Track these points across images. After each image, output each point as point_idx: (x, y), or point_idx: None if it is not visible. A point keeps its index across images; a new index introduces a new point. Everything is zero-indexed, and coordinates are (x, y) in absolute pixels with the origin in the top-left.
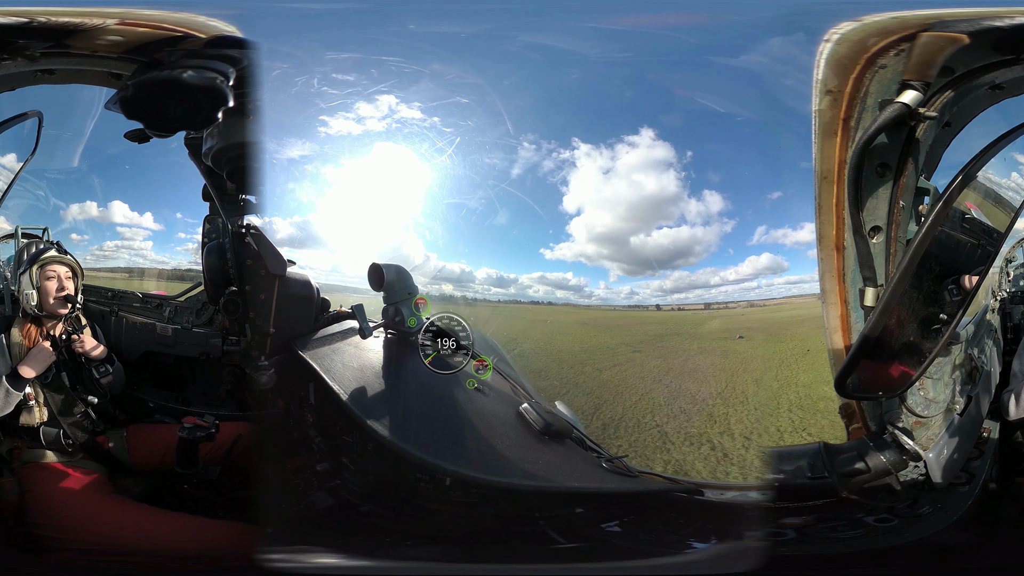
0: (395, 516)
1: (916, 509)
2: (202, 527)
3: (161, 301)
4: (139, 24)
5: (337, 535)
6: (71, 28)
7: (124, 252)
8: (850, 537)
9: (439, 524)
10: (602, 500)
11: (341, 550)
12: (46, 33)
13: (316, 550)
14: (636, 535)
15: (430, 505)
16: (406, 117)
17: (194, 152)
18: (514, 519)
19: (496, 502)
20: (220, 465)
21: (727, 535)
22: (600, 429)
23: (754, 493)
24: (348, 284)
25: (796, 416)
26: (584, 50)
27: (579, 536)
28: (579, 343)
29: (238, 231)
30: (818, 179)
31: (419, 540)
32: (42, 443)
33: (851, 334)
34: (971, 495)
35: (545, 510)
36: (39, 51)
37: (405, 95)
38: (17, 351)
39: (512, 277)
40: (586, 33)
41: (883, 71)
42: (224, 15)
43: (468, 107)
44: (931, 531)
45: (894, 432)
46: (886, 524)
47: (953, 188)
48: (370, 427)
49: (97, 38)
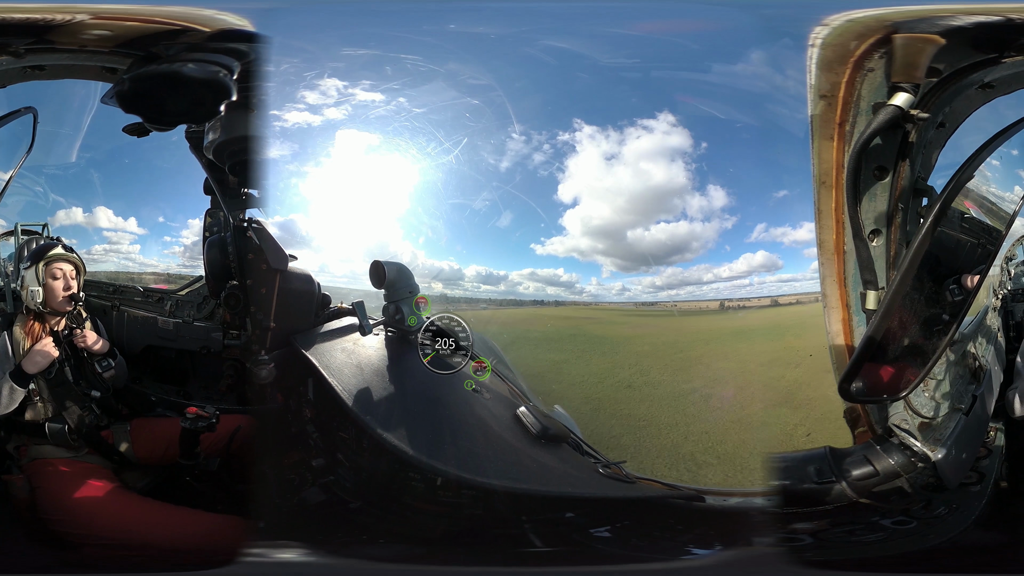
0: (385, 515)
1: (932, 511)
2: (211, 521)
3: (162, 295)
4: (120, 18)
5: (328, 531)
6: (46, 23)
7: (113, 256)
8: (871, 541)
9: (429, 524)
10: (595, 505)
11: (331, 546)
12: (25, 29)
13: (307, 546)
14: (628, 540)
15: (421, 505)
16: (404, 114)
17: (195, 145)
18: (504, 522)
19: (489, 504)
20: (220, 457)
21: (733, 541)
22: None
23: (759, 499)
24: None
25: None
26: (590, 52)
27: (567, 541)
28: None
29: (240, 225)
30: (816, 184)
31: (408, 540)
32: (48, 439)
33: (854, 338)
34: (984, 494)
35: (535, 514)
36: (22, 47)
37: (408, 93)
38: (20, 348)
39: (502, 274)
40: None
41: (872, 74)
42: (236, 8)
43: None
44: (953, 532)
45: (901, 434)
46: (905, 527)
47: (950, 188)
48: (366, 424)
49: (79, 32)
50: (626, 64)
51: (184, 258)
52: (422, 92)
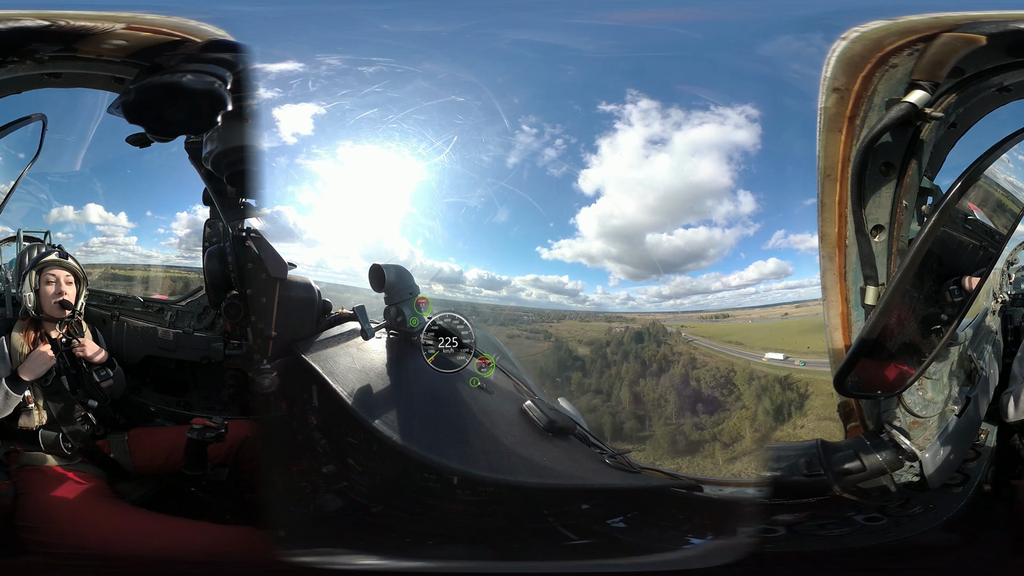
0: (404, 516)
1: (907, 509)
2: (202, 531)
3: (162, 305)
4: (143, 28)
5: (346, 536)
6: (82, 32)
7: (111, 247)
8: (837, 535)
9: (444, 523)
10: (606, 496)
11: (349, 551)
12: (58, 36)
13: (324, 552)
14: (640, 531)
15: (436, 504)
16: (399, 115)
17: (194, 156)
18: (519, 516)
19: (501, 499)
20: (227, 467)
21: (723, 531)
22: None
23: (752, 489)
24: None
25: None
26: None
27: (586, 532)
28: None
29: (238, 235)
30: (821, 176)
31: (426, 540)
32: (40, 446)
33: (851, 332)
34: (964, 496)
35: (550, 507)
36: (48, 54)
37: (398, 94)
38: (17, 354)
39: (504, 279)
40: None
41: (894, 70)
42: (210, 18)
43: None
44: (916, 531)
45: (891, 431)
46: (875, 523)
47: (957, 189)
48: (374, 428)
49: (104, 42)
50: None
51: (181, 249)
52: (425, 94)
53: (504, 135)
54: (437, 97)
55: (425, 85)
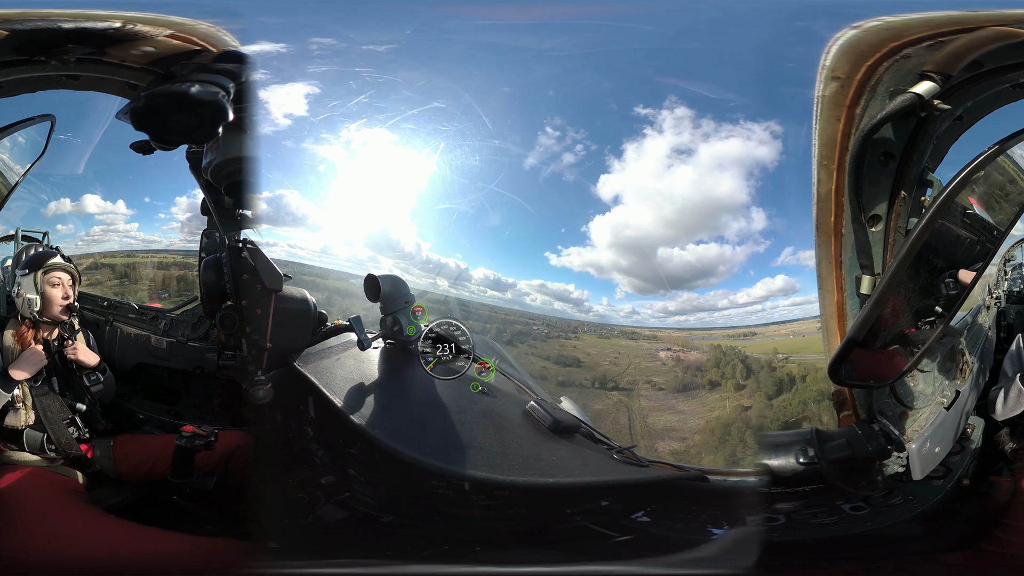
0: (410, 525)
1: (889, 499)
2: (172, 542)
3: (157, 313)
4: (176, 37)
5: (346, 547)
6: (120, 35)
7: (113, 235)
8: (824, 523)
9: (464, 528)
10: (623, 491)
11: (350, 562)
12: (92, 38)
13: (329, 563)
14: (665, 523)
15: (450, 510)
16: (404, 117)
17: (194, 166)
18: (535, 517)
19: (515, 501)
20: (216, 476)
21: (735, 521)
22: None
23: (753, 479)
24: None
25: None
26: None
27: (615, 528)
28: None
29: (235, 246)
30: (816, 164)
31: (442, 546)
32: (24, 446)
33: (846, 321)
34: (942, 489)
35: (571, 506)
36: (76, 56)
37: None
38: (8, 352)
39: (511, 282)
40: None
41: (905, 61)
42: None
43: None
44: (889, 522)
45: (882, 421)
46: (859, 512)
47: (958, 182)
48: (375, 437)
49: (134, 48)
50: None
51: (184, 233)
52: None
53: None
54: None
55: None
